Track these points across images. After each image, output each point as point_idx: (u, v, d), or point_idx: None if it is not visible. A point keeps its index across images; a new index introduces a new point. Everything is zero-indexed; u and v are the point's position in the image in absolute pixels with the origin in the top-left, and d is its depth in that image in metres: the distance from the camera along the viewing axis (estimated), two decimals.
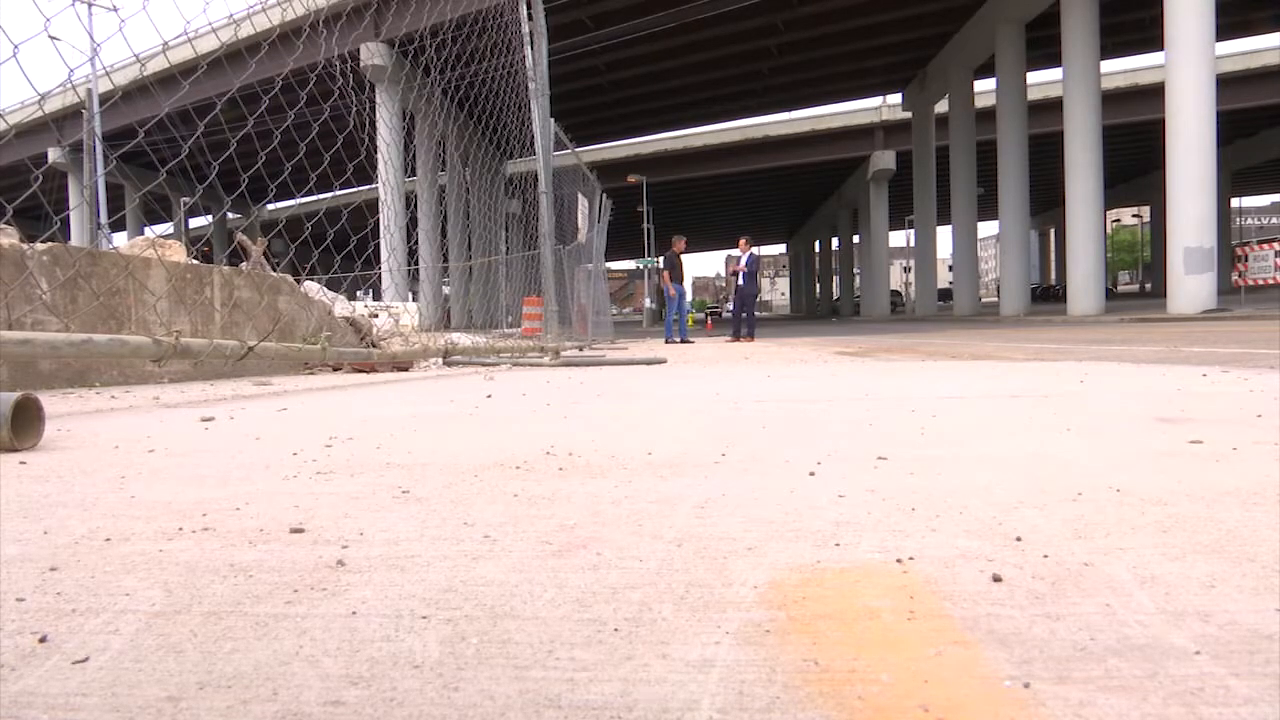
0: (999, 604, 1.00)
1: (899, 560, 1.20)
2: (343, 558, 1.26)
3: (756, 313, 18.53)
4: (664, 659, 0.85)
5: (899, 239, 68.44)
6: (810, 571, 1.15)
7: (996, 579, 1.09)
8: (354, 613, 1.01)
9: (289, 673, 0.84)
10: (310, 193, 5.51)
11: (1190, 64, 20.05)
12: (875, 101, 51.53)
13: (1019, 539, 1.29)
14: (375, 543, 1.35)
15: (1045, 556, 1.20)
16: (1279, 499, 1.53)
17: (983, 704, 0.74)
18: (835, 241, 75.80)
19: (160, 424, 3.25)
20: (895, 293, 65.07)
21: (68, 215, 37.91)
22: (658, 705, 0.75)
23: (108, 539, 1.41)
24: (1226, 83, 30.91)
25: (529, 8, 8.92)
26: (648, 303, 49.68)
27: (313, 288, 8.50)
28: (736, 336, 16.42)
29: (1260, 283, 24.34)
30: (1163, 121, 20.90)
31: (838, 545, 1.29)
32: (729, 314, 18.62)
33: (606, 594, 1.06)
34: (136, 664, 0.87)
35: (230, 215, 50.43)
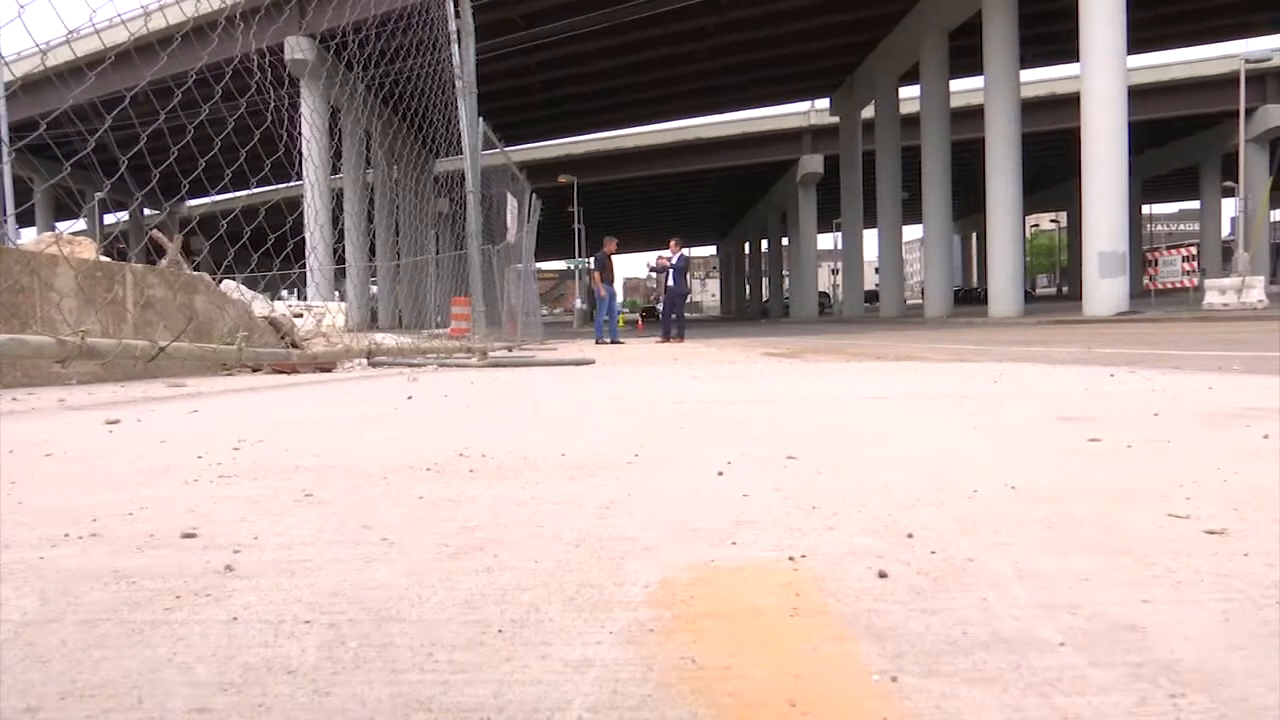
0: (881, 599, 1.02)
1: (791, 558, 1.21)
2: (232, 563, 1.23)
3: (687, 314, 18.63)
4: (543, 659, 0.85)
5: (827, 241, 69.55)
6: (702, 570, 1.16)
7: (882, 575, 1.12)
8: (235, 619, 0.99)
9: (157, 680, 0.82)
10: (225, 189, 5.38)
11: (1103, 75, 20.79)
12: (804, 106, 52.29)
13: (910, 536, 1.32)
14: (268, 547, 1.33)
15: (933, 553, 1.23)
16: (1161, 494, 1.59)
17: (848, 698, 0.76)
18: (765, 243, 76.66)
19: (63, 427, 3.13)
20: (823, 294, 65.97)
21: None
22: (529, 706, 0.75)
23: None
24: (1139, 94, 32.10)
25: (455, 5, 8.83)
26: (578, 303, 49.60)
27: (231, 286, 8.29)
28: (667, 337, 16.49)
29: (1170, 286, 25.36)
30: (1078, 130, 21.61)
31: (734, 544, 1.30)
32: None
33: (496, 595, 1.06)
34: None
35: (150, 212, 48.91)
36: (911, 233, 69.86)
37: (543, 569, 1.18)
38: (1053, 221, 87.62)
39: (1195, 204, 63.66)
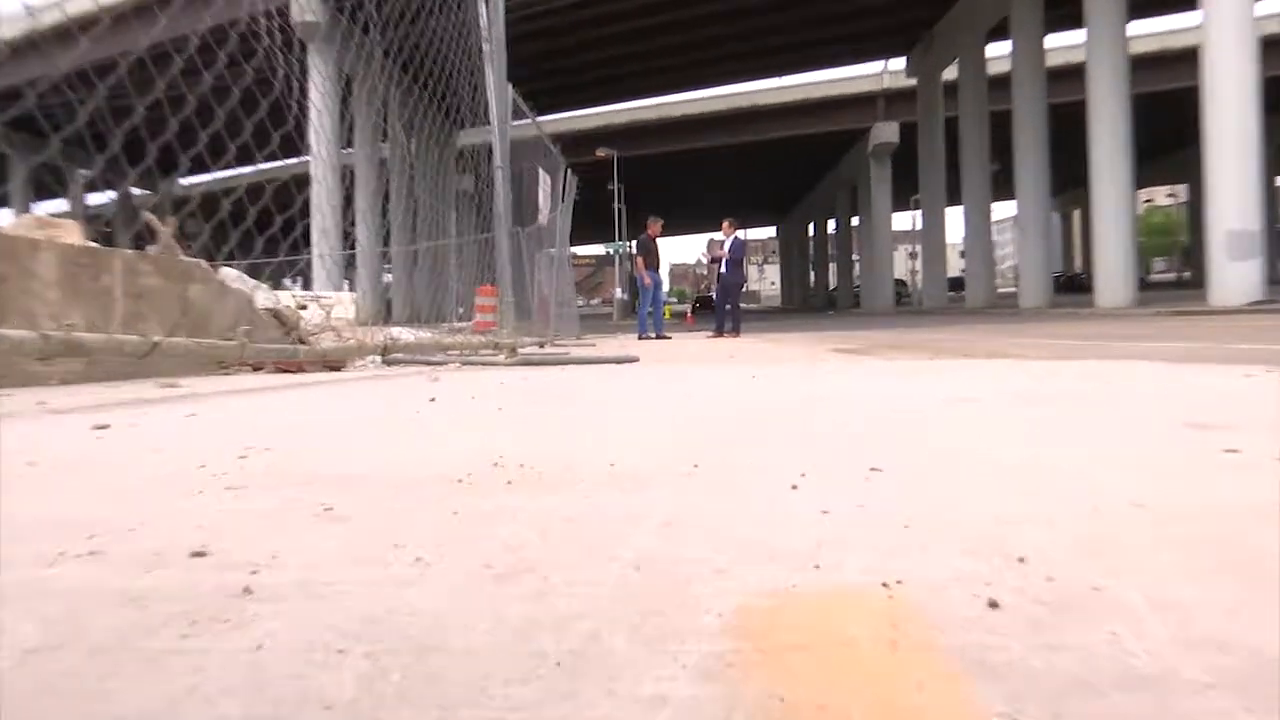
0: (993, 632, 1.01)
1: (885, 584, 1.20)
2: (250, 584, 1.25)
3: (743, 305, 18.59)
4: (610, 696, 0.85)
5: (904, 222, 68.86)
6: (783, 597, 1.16)
7: (993, 604, 1.10)
8: (259, 647, 1.00)
9: (179, 714, 0.83)
10: (229, 166, 5.46)
11: (1230, 24, 20.23)
12: (876, 67, 51.83)
13: (1022, 559, 1.31)
14: (289, 567, 1.34)
15: (1050, 579, 1.21)
16: None
17: None
18: (832, 224, 76.20)
19: (46, 432, 3.21)
20: (900, 282, 65.42)
21: None
22: None
23: None
24: (1271, 45, 31.30)
25: None
26: (618, 293, 49.78)
27: (231, 274, 8.42)
28: (720, 332, 16.46)
29: None
30: (1197, 89, 21.10)
31: (817, 568, 1.29)
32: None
33: (551, 624, 1.07)
34: (3, 708, 0.86)
35: (138, 191, 49.77)
36: (1003, 210, 69.04)
37: (601, 594, 1.18)
38: (1170, 196, 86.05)
39: None
